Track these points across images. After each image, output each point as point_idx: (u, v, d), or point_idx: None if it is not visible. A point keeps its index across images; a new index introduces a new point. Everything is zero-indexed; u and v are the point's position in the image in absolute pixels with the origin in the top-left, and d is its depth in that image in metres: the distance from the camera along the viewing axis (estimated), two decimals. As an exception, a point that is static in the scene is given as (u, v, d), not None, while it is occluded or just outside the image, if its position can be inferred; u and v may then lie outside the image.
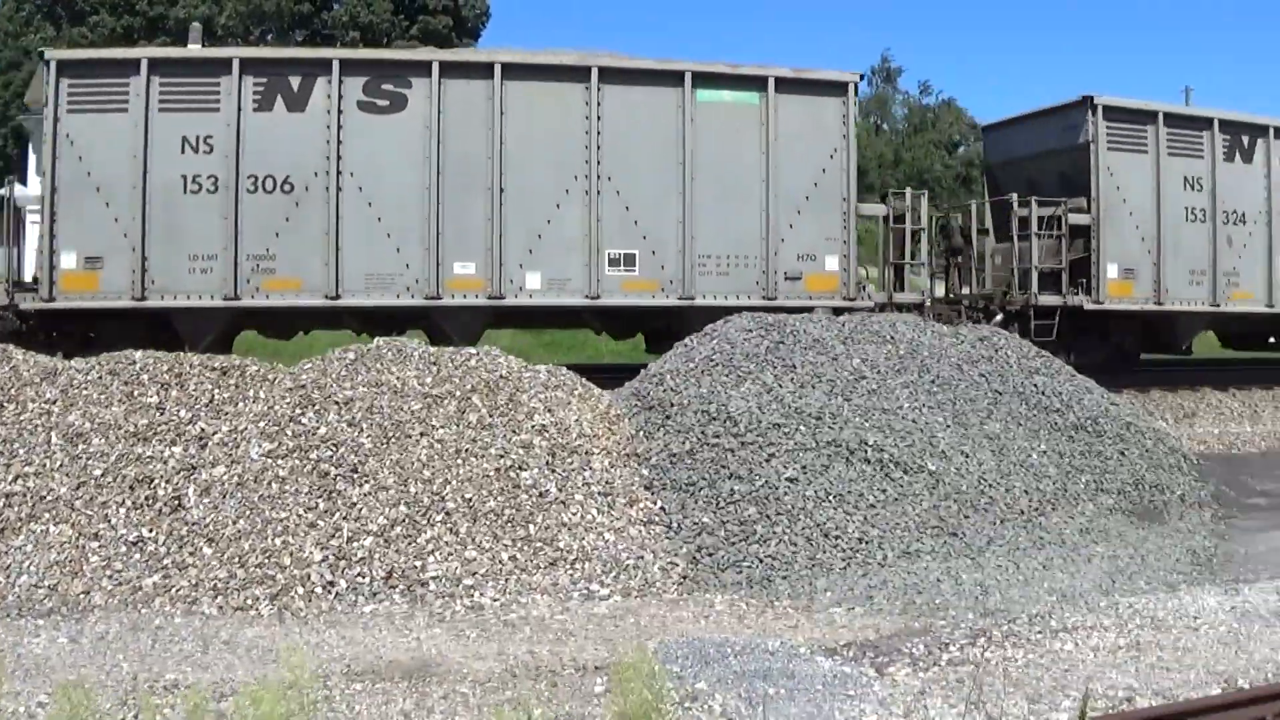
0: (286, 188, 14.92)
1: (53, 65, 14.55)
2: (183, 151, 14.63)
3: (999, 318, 17.88)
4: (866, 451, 10.11)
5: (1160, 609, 8.26)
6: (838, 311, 15.91)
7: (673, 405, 10.45)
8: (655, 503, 9.41)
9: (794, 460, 9.72)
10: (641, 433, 10.20)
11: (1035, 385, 12.45)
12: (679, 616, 7.95)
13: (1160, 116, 17.74)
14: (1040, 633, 7.61)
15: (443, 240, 15.22)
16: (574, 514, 9.12)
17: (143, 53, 15.48)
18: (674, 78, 16.09)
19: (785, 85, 16.61)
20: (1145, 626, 7.86)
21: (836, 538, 9.08)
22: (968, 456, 10.67)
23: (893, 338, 12.50)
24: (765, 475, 9.47)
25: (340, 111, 14.98)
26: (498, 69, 15.51)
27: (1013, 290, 18.29)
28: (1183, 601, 8.48)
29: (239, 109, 14.83)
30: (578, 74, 15.89)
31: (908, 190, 18.12)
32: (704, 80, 16.28)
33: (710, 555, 8.93)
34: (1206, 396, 18.46)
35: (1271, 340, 21.43)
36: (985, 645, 7.32)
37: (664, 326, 16.72)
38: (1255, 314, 19.32)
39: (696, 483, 9.59)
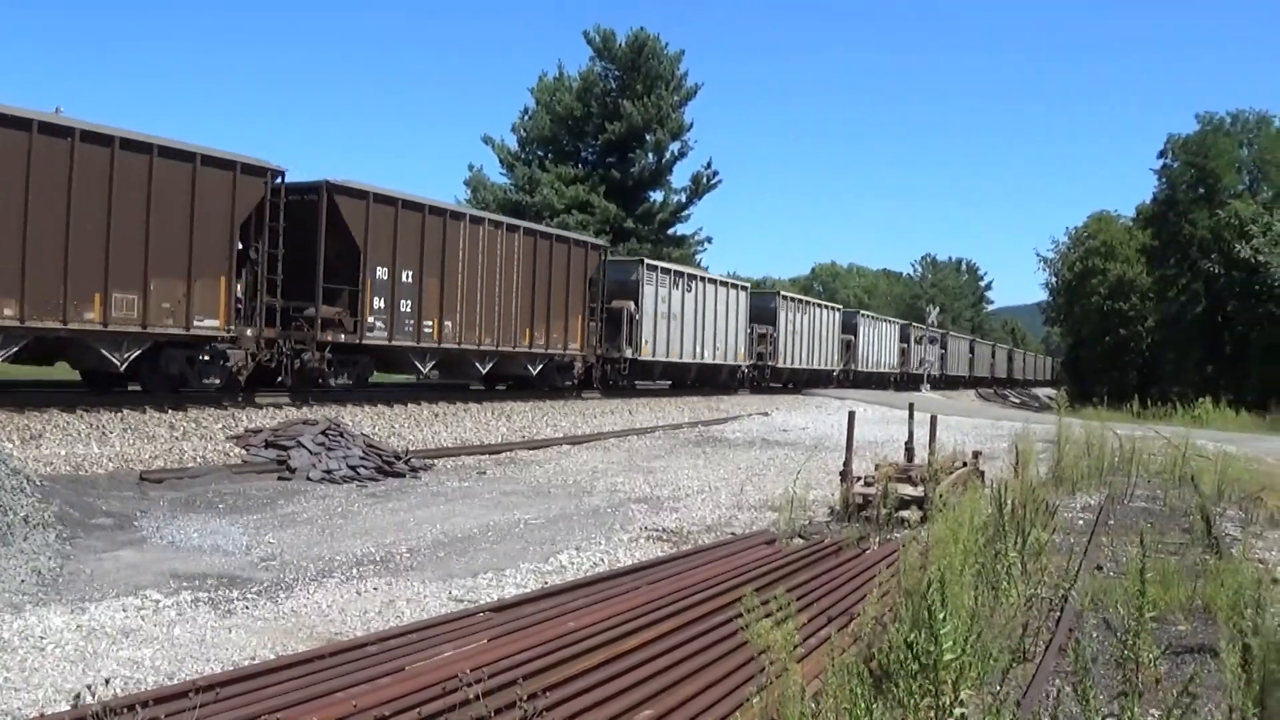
0: (675, 316, 42.09)
1: (644, 263, 40.47)
2: (663, 303, 41.08)
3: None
4: None
5: (6, 630, 8.31)
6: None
7: None
8: None
9: None
10: None
11: None
12: None
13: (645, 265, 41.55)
14: None
15: (700, 339, 44.54)
16: None
17: (661, 265, 42.70)
18: (729, 285, 48.66)
19: (731, 285, 48.92)
20: (-7, 649, 7.72)
21: None
22: None
23: None
24: None
25: (683, 291, 42.82)
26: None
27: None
28: (29, 622, 8.57)
29: (670, 288, 41.76)
30: (710, 282, 46.42)
31: None
32: (721, 284, 47.67)
33: None
34: (55, 418, 18.14)
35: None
36: None
37: (709, 376, 47.52)
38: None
39: None
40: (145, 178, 20.55)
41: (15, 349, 19.00)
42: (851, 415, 16.83)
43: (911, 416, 19.50)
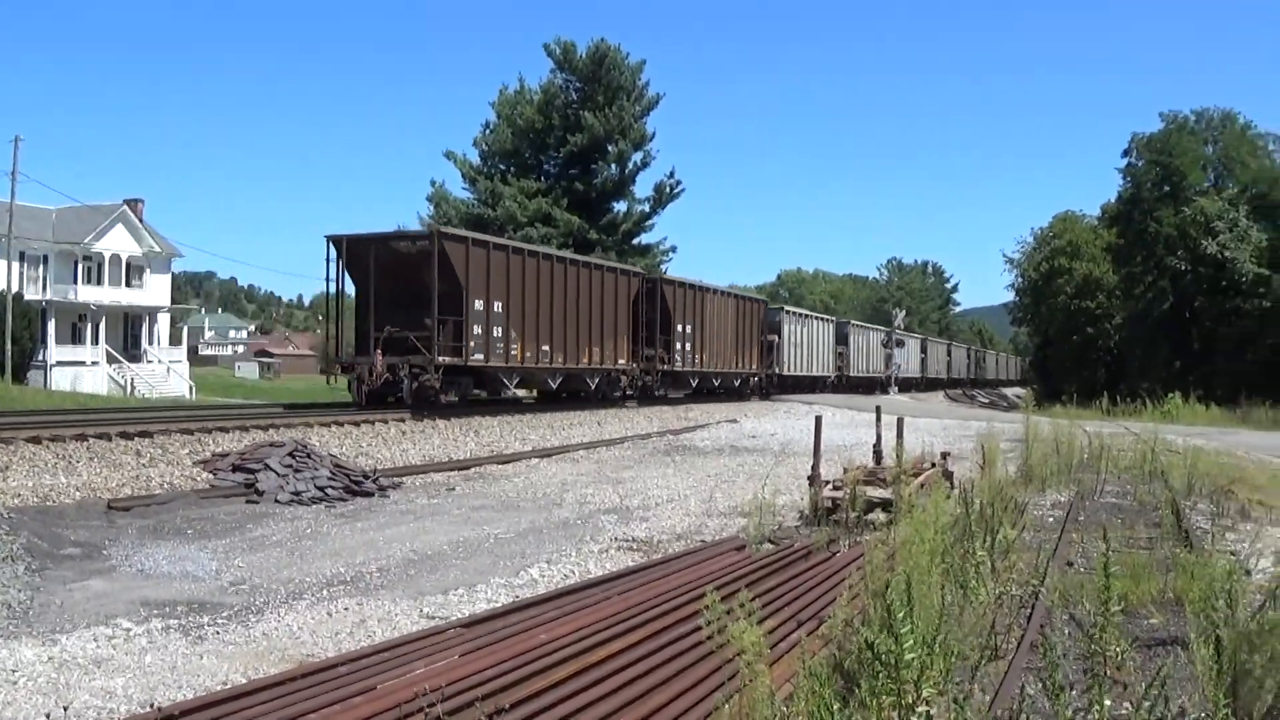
0: (799, 344, 61.72)
1: (785, 309, 62.22)
2: (793, 335, 61.13)
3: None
4: None
5: (-23, 664, 8.14)
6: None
7: None
8: None
9: None
10: None
11: None
12: None
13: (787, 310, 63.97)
14: None
15: (811, 358, 63.61)
16: None
17: (792, 309, 65.62)
18: (824, 319, 71.54)
19: (826, 319, 72.62)
20: (-35, 682, 7.75)
21: None
22: None
23: None
24: None
25: (802, 325, 63.24)
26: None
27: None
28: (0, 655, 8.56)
29: (797, 324, 62.19)
30: (817, 319, 69.17)
31: None
32: (821, 319, 70.68)
33: None
34: (21, 450, 18.27)
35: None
36: None
37: (809, 385, 66.55)
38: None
39: None
40: (600, 285, 40.54)
41: (560, 379, 38.92)
42: (818, 420, 16.91)
43: (879, 419, 19.58)
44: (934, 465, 17.27)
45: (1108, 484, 20.28)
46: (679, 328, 46.37)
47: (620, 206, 70.07)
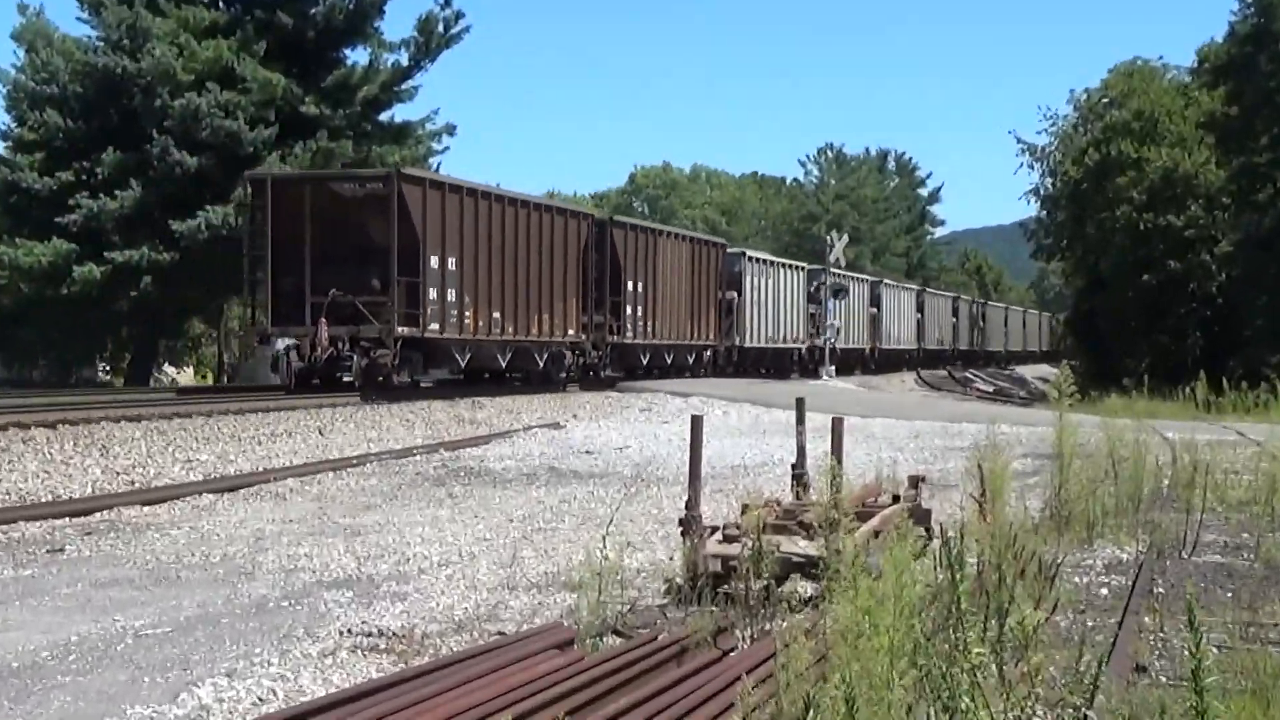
0: (763, 304, 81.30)
1: (745, 255, 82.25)
2: (756, 291, 79.93)
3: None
4: None
5: None
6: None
7: None
8: None
9: None
10: None
11: None
12: None
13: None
14: None
15: (777, 323, 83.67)
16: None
17: (758, 255, 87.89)
18: (793, 267, 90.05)
19: (794, 266, 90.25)
20: None
21: None
22: None
23: None
24: None
25: (760, 275, 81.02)
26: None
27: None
28: None
29: (762, 276, 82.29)
30: (784, 267, 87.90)
31: None
32: (791, 267, 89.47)
33: None
34: None
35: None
36: None
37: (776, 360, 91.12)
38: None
39: None
40: (550, 232, 53.53)
41: (510, 354, 52.04)
42: (697, 422, 16.72)
43: (801, 420, 19.61)
44: (897, 499, 17.33)
45: (1208, 530, 20.30)
46: (629, 286, 60.61)
47: (357, 57, 69.28)
